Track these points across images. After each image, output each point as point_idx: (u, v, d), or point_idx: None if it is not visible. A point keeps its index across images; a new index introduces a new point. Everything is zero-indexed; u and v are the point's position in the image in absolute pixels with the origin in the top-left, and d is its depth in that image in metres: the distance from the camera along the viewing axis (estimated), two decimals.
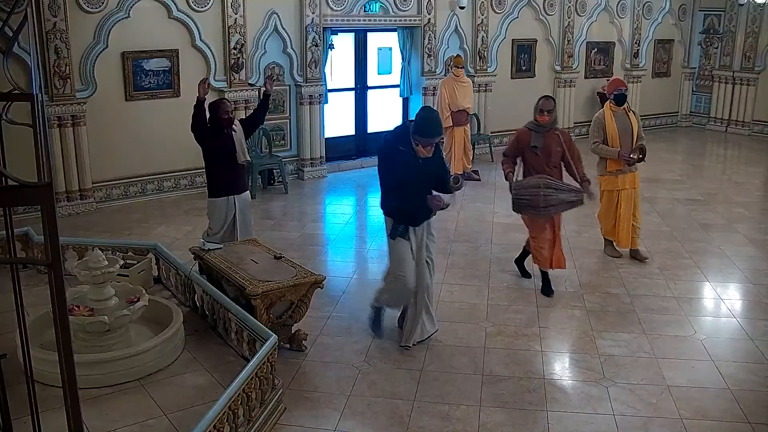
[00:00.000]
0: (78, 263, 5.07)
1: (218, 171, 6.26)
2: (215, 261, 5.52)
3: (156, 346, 4.78)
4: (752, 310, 6.21)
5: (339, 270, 7.10)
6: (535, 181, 6.00)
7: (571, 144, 6.19)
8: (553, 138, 6.08)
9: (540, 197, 5.94)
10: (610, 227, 7.27)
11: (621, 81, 7.22)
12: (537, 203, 5.97)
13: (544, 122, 6.07)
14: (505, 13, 12.41)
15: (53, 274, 2.29)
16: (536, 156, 6.08)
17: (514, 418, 4.46)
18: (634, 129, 6.91)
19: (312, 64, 10.31)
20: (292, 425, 4.35)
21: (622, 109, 6.98)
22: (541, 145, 6.05)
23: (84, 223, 8.43)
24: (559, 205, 6.05)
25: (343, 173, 11.07)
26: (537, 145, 6.05)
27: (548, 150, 6.06)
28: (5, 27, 3.07)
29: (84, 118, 8.67)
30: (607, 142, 6.93)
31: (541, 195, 5.93)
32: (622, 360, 5.20)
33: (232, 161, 6.24)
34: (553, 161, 6.09)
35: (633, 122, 6.94)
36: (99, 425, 4.14)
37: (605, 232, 7.37)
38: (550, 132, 6.09)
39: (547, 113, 6.06)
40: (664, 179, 10.92)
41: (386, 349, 5.34)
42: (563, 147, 6.09)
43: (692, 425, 4.39)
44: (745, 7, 14.11)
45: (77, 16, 8.48)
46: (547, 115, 6.06)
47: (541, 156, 6.08)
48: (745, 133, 14.63)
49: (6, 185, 2.35)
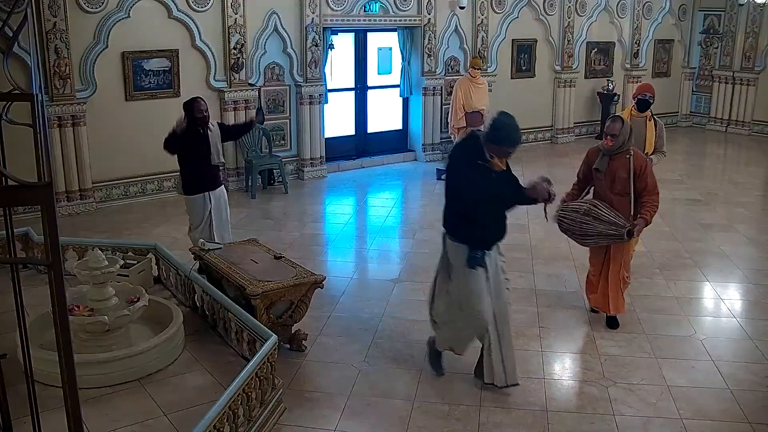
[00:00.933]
0: (78, 263, 5.07)
1: (192, 168, 6.32)
2: (215, 261, 5.52)
3: (156, 346, 4.79)
4: (752, 310, 6.21)
5: (339, 270, 7.10)
6: (579, 205, 5.52)
7: (644, 173, 5.42)
8: (622, 162, 5.42)
9: (577, 223, 5.46)
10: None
11: (649, 87, 6.75)
12: (574, 229, 5.51)
13: (609, 146, 5.45)
14: (505, 13, 12.42)
15: (53, 274, 2.29)
16: (600, 180, 5.56)
17: (514, 418, 4.46)
18: (648, 139, 6.54)
19: (312, 64, 10.31)
20: (292, 425, 4.35)
21: (644, 115, 6.59)
22: (603, 168, 5.48)
23: (84, 223, 8.43)
24: (597, 237, 5.46)
25: (343, 173, 11.07)
26: (599, 168, 5.51)
27: (612, 175, 5.47)
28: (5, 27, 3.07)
29: (84, 118, 8.67)
30: None
31: (577, 221, 5.45)
32: (622, 360, 5.20)
33: (207, 161, 6.31)
34: (617, 188, 5.47)
35: (649, 131, 6.56)
36: (99, 425, 4.14)
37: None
38: (620, 155, 5.44)
39: (610, 137, 5.41)
40: (664, 179, 10.87)
41: (386, 349, 5.34)
42: (631, 174, 5.41)
43: (692, 425, 4.39)
44: (745, 7, 14.11)
45: (77, 16, 8.48)
46: (610, 139, 5.41)
47: (604, 180, 5.53)
48: (745, 133, 14.63)
49: (6, 185, 2.35)
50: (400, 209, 9.60)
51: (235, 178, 10.00)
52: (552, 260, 7.26)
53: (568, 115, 13.70)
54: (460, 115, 10.17)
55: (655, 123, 6.66)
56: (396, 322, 5.79)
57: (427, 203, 9.47)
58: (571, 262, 7.20)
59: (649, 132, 6.56)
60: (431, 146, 11.83)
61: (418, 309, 5.97)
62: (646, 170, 5.44)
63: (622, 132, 5.38)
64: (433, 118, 11.66)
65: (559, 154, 12.68)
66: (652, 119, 6.64)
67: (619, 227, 5.34)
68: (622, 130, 5.38)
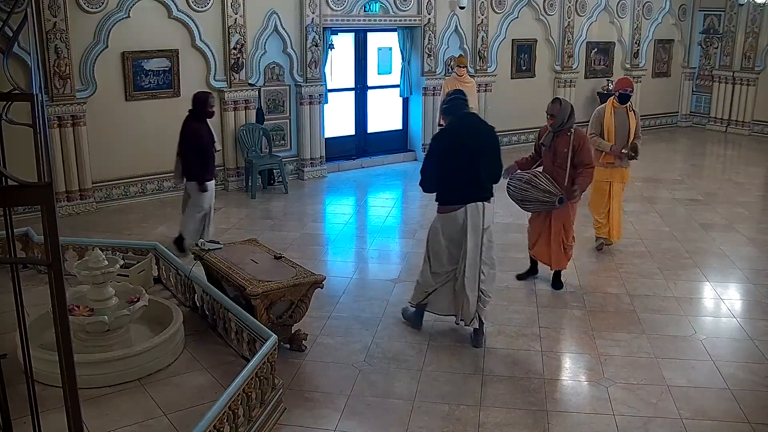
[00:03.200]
0: (78, 263, 5.06)
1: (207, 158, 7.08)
2: (215, 261, 5.52)
3: (156, 346, 4.78)
4: (752, 310, 6.21)
5: (339, 270, 7.10)
6: (522, 175, 6.21)
7: (582, 149, 6.12)
8: (564, 139, 6.12)
9: (519, 190, 6.16)
10: (602, 219, 7.45)
11: (629, 82, 7.36)
12: (516, 195, 6.22)
13: (550, 125, 6.18)
14: (505, 13, 12.42)
15: (53, 274, 2.29)
16: (546, 153, 6.26)
17: (514, 418, 4.46)
18: (632, 127, 7.18)
19: (312, 64, 10.31)
20: (292, 425, 4.35)
21: (624, 107, 7.23)
22: (548, 144, 6.21)
23: (84, 223, 8.43)
24: (534, 203, 6.17)
25: (343, 173, 11.07)
26: (545, 144, 6.25)
27: (555, 150, 6.17)
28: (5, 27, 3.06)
29: (84, 118, 8.67)
30: (604, 136, 7.20)
31: (519, 188, 6.15)
32: (622, 360, 5.20)
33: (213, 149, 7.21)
34: (558, 161, 6.16)
35: (631, 121, 7.20)
36: (99, 425, 4.14)
37: (597, 227, 7.54)
38: (563, 132, 6.14)
39: (550, 117, 6.14)
40: (664, 179, 10.93)
41: (386, 349, 5.34)
42: (571, 149, 6.09)
43: (692, 425, 4.39)
44: (745, 7, 14.12)
45: (77, 16, 8.49)
46: (551, 118, 6.13)
47: (548, 154, 6.24)
48: (745, 133, 14.63)
49: (6, 185, 2.34)
50: (400, 209, 9.60)
51: (235, 178, 10.00)
52: None
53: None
54: None
55: (635, 113, 7.33)
56: (396, 322, 5.79)
57: (426, 203, 9.45)
58: (571, 261, 7.20)
59: (632, 121, 7.22)
60: None
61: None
62: (583, 146, 6.15)
63: (560, 111, 6.07)
64: (433, 118, 11.64)
65: None
66: (632, 110, 7.30)
67: (552, 195, 6.02)
68: (561, 109, 6.07)
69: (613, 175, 7.29)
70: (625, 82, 7.31)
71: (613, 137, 7.14)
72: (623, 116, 7.19)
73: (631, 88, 7.24)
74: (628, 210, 8.92)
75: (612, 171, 7.29)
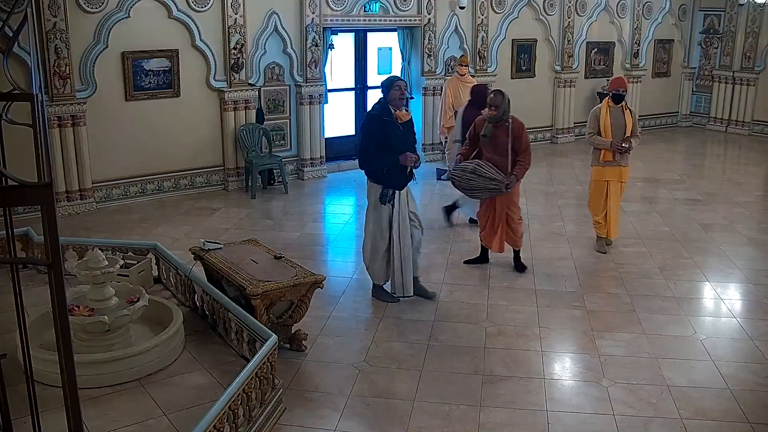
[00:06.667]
0: (78, 263, 5.06)
1: None
2: (215, 261, 5.52)
3: (156, 346, 4.78)
4: (752, 310, 6.21)
5: (339, 270, 7.11)
6: (467, 164, 6.55)
7: (520, 136, 6.56)
8: (503, 129, 6.51)
9: (465, 180, 6.52)
10: (600, 219, 7.50)
11: (623, 81, 7.44)
12: (463, 185, 6.60)
13: (492, 116, 6.51)
14: (505, 13, 12.42)
15: (53, 274, 2.29)
16: (486, 144, 6.60)
17: (514, 418, 4.46)
18: (628, 125, 7.26)
19: (312, 64, 10.31)
20: (292, 425, 4.35)
21: (620, 106, 7.31)
22: (489, 134, 6.53)
23: (84, 223, 8.43)
24: (482, 191, 6.56)
25: (343, 173, 11.07)
26: (486, 135, 6.55)
27: (495, 140, 6.53)
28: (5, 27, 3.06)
29: (84, 118, 8.67)
30: (601, 135, 7.28)
31: (465, 178, 6.51)
32: (622, 360, 5.20)
33: None
34: (499, 150, 6.53)
35: (627, 119, 7.28)
36: (99, 425, 4.14)
37: (597, 226, 7.58)
38: (501, 123, 6.51)
39: (494, 108, 6.47)
40: (664, 179, 10.93)
41: (386, 349, 5.34)
42: (510, 138, 6.48)
43: (692, 425, 4.39)
44: (745, 7, 14.11)
45: (77, 16, 8.48)
46: (494, 109, 6.48)
47: (489, 144, 6.57)
48: (745, 133, 14.63)
49: (6, 185, 2.34)
50: None
51: (235, 178, 10.00)
52: (552, 260, 7.26)
53: (568, 115, 13.70)
54: (449, 114, 10.12)
55: (630, 111, 7.39)
56: (396, 322, 5.79)
57: (426, 203, 9.47)
58: (571, 262, 7.21)
59: (628, 120, 7.29)
60: (431, 146, 11.84)
61: (418, 309, 5.98)
62: (522, 134, 6.60)
63: (503, 103, 6.45)
64: (433, 118, 11.65)
65: (559, 154, 12.69)
66: (627, 108, 7.37)
67: (498, 182, 6.45)
68: (503, 101, 6.46)
69: (612, 173, 7.33)
70: (618, 82, 7.38)
71: (610, 136, 7.20)
72: (619, 115, 7.25)
73: (623, 87, 7.30)
74: (628, 210, 8.93)
75: (610, 170, 7.32)
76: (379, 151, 5.79)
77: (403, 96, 5.87)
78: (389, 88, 5.82)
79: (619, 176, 7.37)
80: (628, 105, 7.47)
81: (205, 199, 9.48)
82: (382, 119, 5.81)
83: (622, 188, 7.53)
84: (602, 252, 7.49)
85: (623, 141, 7.16)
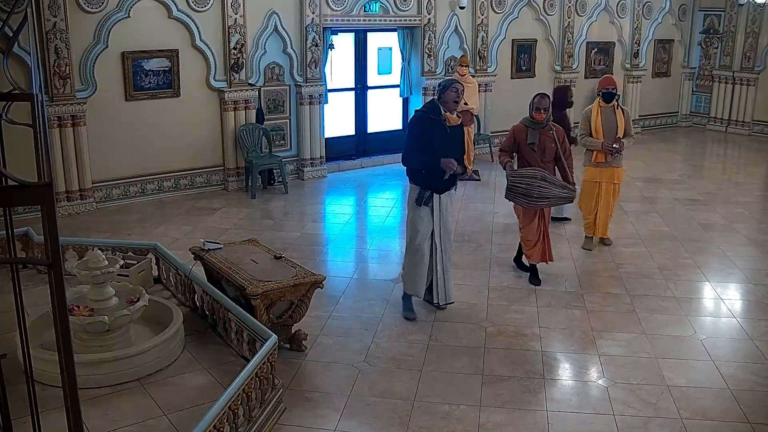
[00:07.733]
0: (78, 263, 5.06)
1: None
2: (215, 261, 5.52)
3: (156, 346, 4.79)
4: (752, 310, 6.21)
5: (339, 270, 7.10)
6: (533, 171, 6.23)
7: (564, 141, 6.44)
8: (548, 135, 6.34)
9: (535, 188, 6.18)
10: (591, 218, 7.53)
11: (611, 79, 7.44)
12: (531, 193, 6.21)
13: (540, 120, 6.31)
14: (505, 13, 12.42)
15: (53, 274, 2.29)
16: (532, 152, 6.35)
17: (514, 418, 4.46)
18: (620, 125, 7.21)
19: (312, 64, 10.31)
20: (292, 425, 4.35)
21: (611, 105, 7.26)
22: (537, 141, 6.32)
23: (84, 223, 8.43)
24: (552, 199, 6.30)
25: (343, 173, 11.07)
26: (534, 142, 6.33)
27: (543, 146, 6.33)
28: (5, 27, 3.06)
29: (84, 118, 8.67)
30: (592, 136, 7.26)
31: (536, 186, 6.18)
32: (622, 360, 5.20)
33: None
34: (547, 157, 6.36)
35: (619, 119, 7.23)
36: (99, 425, 4.14)
37: (586, 225, 7.61)
38: (546, 128, 6.34)
39: (543, 111, 6.31)
40: (664, 179, 10.93)
41: (386, 349, 5.34)
42: (557, 144, 6.33)
43: (692, 425, 4.39)
44: (745, 7, 14.11)
45: (77, 16, 8.48)
46: (543, 112, 6.31)
47: (537, 152, 6.34)
48: (745, 133, 14.63)
49: (6, 185, 2.34)
50: (400, 209, 9.57)
51: (235, 178, 10.00)
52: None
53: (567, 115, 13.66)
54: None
55: (623, 111, 7.34)
56: (396, 322, 5.79)
57: None
58: (571, 262, 7.21)
59: (619, 119, 7.24)
60: None
61: (418, 309, 5.97)
62: (565, 138, 6.48)
63: (549, 106, 6.37)
64: None
65: None
66: (619, 108, 7.33)
67: (570, 190, 6.30)
68: (550, 104, 6.39)
69: (603, 174, 7.32)
70: (608, 81, 7.35)
71: (602, 136, 7.17)
72: (610, 115, 7.21)
73: (613, 85, 7.27)
74: (628, 210, 8.94)
75: (601, 171, 7.31)
76: (421, 150, 5.58)
77: (459, 99, 5.66)
78: (446, 88, 5.64)
79: (612, 178, 7.36)
80: (620, 104, 7.44)
81: (205, 199, 9.48)
82: (430, 117, 5.61)
83: (617, 189, 7.51)
84: (588, 249, 7.52)
85: (614, 142, 7.13)
